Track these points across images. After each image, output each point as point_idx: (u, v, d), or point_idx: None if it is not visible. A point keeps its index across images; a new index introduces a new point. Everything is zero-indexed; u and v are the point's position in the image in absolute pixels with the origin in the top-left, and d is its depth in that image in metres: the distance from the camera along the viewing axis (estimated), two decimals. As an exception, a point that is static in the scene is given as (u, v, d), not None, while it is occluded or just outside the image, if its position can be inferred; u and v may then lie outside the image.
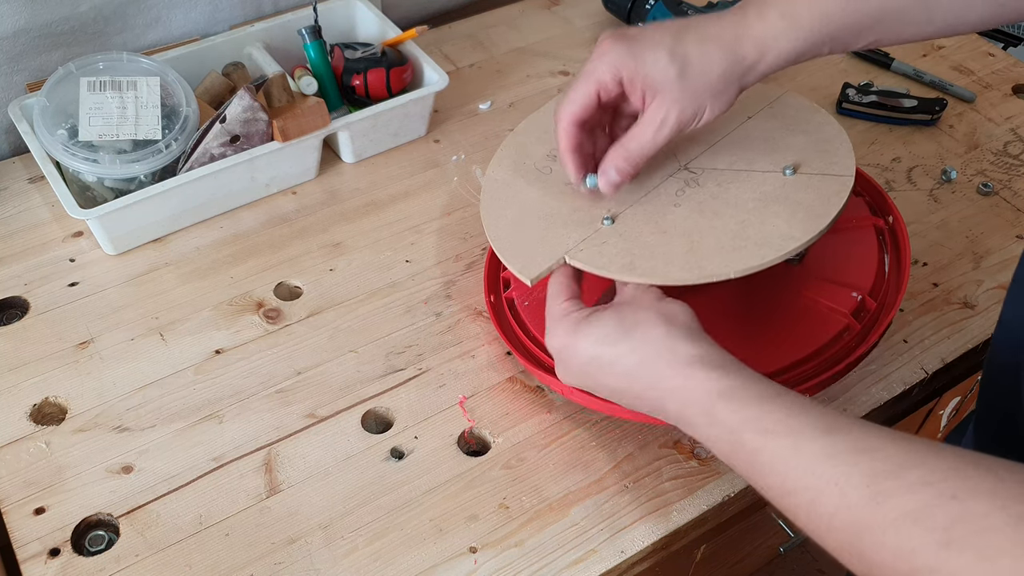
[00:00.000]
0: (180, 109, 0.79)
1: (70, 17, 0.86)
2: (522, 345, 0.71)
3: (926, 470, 0.40)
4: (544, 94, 0.97)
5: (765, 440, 0.48)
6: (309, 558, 0.61)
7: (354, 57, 0.88)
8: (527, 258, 0.63)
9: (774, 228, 0.61)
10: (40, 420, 0.68)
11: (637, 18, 1.01)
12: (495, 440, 0.68)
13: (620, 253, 0.61)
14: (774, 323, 0.68)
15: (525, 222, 0.66)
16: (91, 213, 0.74)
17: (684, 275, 0.59)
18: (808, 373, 0.65)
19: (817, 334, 0.67)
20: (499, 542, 0.62)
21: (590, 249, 0.62)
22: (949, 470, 0.40)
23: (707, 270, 0.59)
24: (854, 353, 0.65)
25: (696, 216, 0.63)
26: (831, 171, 0.64)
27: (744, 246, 0.60)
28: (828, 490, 0.43)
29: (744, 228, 0.61)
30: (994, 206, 0.86)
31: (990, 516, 0.37)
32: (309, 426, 0.68)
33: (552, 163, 0.71)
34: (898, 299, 0.67)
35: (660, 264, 0.60)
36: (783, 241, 0.59)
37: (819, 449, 0.45)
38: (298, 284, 0.78)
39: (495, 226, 0.67)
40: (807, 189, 0.63)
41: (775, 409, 0.48)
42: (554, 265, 0.62)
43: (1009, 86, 0.99)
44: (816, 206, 0.61)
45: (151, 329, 0.74)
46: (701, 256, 0.60)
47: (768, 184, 0.64)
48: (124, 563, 0.60)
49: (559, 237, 0.64)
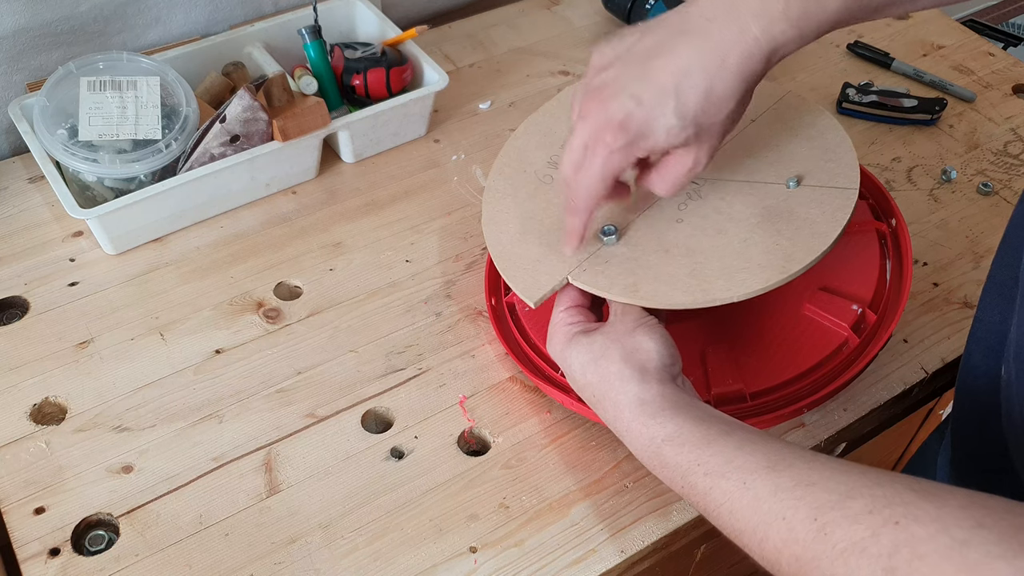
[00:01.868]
0: (180, 109, 0.79)
1: (70, 16, 0.86)
2: (521, 350, 0.71)
3: (869, 499, 0.41)
4: (544, 94, 0.97)
5: (713, 481, 0.49)
6: (309, 558, 0.61)
7: (354, 57, 0.88)
8: (530, 279, 0.63)
9: (777, 247, 0.60)
10: (40, 420, 0.68)
11: (637, 17, 1.01)
12: (495, 440, 0.68)
13: (623, 273, 0.61)
14: (773, 336, 0.68)
15: (527, 237, 0.66)
16: (91, 213, 0.74)
17: (687, 299, 0.59)
18: (803, 392, 0.65)
19: (816, 348, 0.66)
20: (499, 542, 0.62)
21: (593, 268, 0.62)
22: (892, 497, 0.40)
23: (710, 294, 0.58)
24: (849, 371, 0.65)
25: (699, 234, 0.62)
26: (835, 183, 0.63)
27: (747, 267, 0.59)
28: (776, 525, 0.44)
29: (747, 247, 0.60)
30: (994, 206, 0.86)
31: (932, 540, 0.37)
32: (309, 426, 0.68)
33: (553, 171, 0.70)
34: (898, 313, 0.66)
35: (663, 287, 0.60)
36: (786, 263, 0.59)
37: (764, 487, 0.46)
38: (298, 284, 0.78)
39: (498, 242, 0.67)
40: (811, 203, 0.62)
41: (720, 451, 0.49)
42: (557, 286, 0.62)
43: (1009, 86, 0.99)
44: (820, 223, 0.61)
45: (151, 329, 0.74)
46: (704, 279, 0.59)
47: (771, 198, 0.63)
48: (124, 563, 0.60)
49: (561, 255, 0.63)
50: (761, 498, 0.45)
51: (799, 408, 0.64)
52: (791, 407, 0.64)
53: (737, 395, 0.65)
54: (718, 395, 0.65)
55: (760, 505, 0.45)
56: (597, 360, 0.57)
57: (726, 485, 0.48)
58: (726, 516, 0.48)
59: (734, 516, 0.47)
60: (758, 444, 0.48)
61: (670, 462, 0.52)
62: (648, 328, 0.58)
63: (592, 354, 0.58)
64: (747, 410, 0.64)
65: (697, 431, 0.51)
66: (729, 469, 0.48)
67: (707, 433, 0.51)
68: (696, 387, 0.64)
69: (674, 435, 0.52)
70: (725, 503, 0.48)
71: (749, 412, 0.64)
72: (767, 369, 0.66)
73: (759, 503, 0.45)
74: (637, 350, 0.56)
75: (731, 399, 0.65)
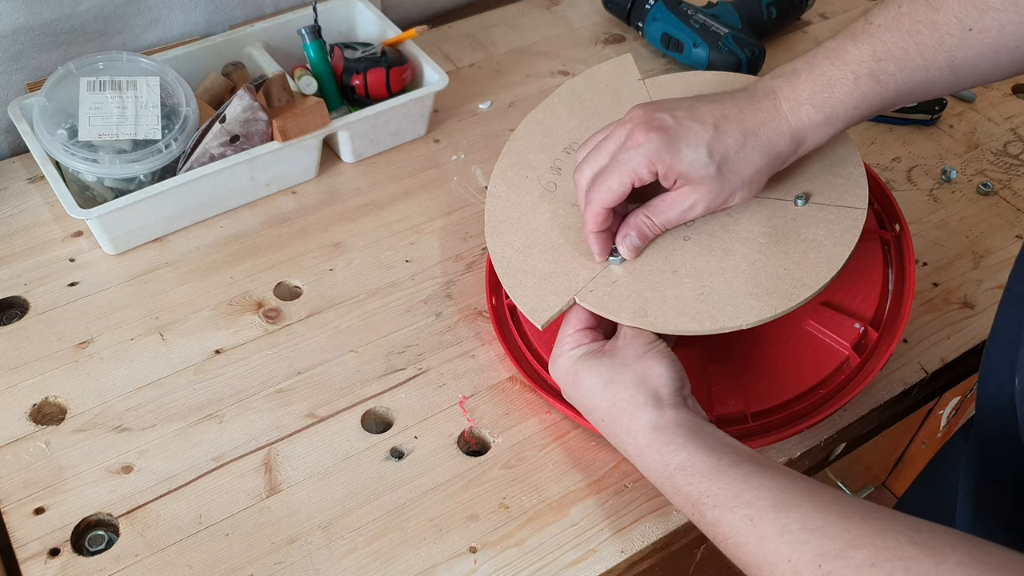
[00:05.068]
0: (180, 109, 0.79)
1: (70, 16, 0.86)
2: (520, 352, 0.71)
3: (872, 550, 0.42)
4: (544, 93, 0.96)
5: (721, 515, 0.50)
6: (309, 558, 0.61)
7: (354, 57, 0.88)
8: (537, 299, 0.63)
9: (785, 272, 0.60)
10: (40, 420, 0.68)
11: (637, 18, 1.01)
12: (495, 440, 0.68)
13: (631, 296, 0.61)
14: (775, 353, 0.67)
15: (533, 252, 0.66)
16: (91, 213, 0.74)
17: (695, 326, 0.59)
18: (803, 412, 0.65)
19: (817, 367, 0.66)
20: (499, 542, 0.62)
21: (600, 290, 0.62)
22: (894, 550, 0.42)
23: (718, 321, 0.59)
24: (849, 392, 0.65)
25: (707, 254, 0.62)
26: (844, 202, 0.63)
27: (755, 292, 0.59)
28: (782, 566, 0.45)
29: (755, 271, 0.60)
30: (994, 206, 0.86)
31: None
32: (309, 426, 0.68)
33: (556, 178, 0.70)
34: (899, 330, 0.66)
35: (671, 312, 0.60)
36: (794, 289, 0.59)
37: (771, 526, 0.47)
38: (298, 284, 0.78)
39: (503, 257, 0.66)
40: (819, 224, 0.62)
41: (728, 484, 0.50)
42: (564, 307, 0.62)
43: (1009, 86, 0.99)
44: (828, 245, 0.61)
45: (151, 329, 0.74)
46: (711, 304, 0.59)
47: (779, 216, 0.63)
48: (124, 563, 0.60)
49: (567, 273, 0.63)
50: (767, 537, 0.47)
51: (799, 429, 0.64)
52: (791, 428, 0.64)
53: (739, 416, 0.65)
54: (720, 415, 0.65)
55: (766, 544, 0.47)
56: (607, 385, 0.58)
57: (733, 520, 0.49)
58: (733, 549, 0.49)
59: (741, 550, 0.48)
60: (765, 478, 0.49)
61: (681, 490, 0.53)
62: (659, 353, 0.58)
63: (601, 378, 0.58)
64: (749, 431, 0.64)
65: (708, 461, 0.52)
66: (737, 504, 0.49)
67: (717, 465, 0.52)
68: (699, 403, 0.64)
69: (686, 464, 0.53)
70: (732, 537, 0.49)
71: (751, 432, 0.64)
72: (768, 389, 0.66)
73: (765, 542, 0.47)
74: (648, 376, 0.57)
75: (733, 419, 0.65)
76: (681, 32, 0.97)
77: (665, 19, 0.99)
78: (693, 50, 0.97)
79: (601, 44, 1.04)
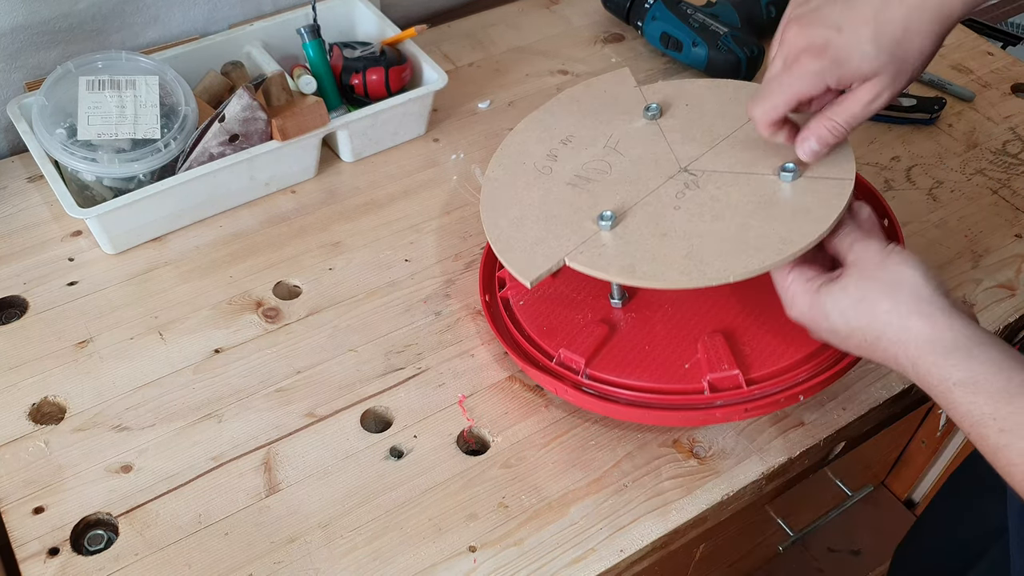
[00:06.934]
0: (179, 108, 0.79)
1: (68, 14, 0.86)
2: (517, 345, 0.71)
3: None
4: (543, 93, 0.97)
5: (1009, 440, 0.47)
6: (308, 557, 0.61)
7: (353, 56, 0.88)
8: (527, 260, 0.64)
9: (773, 231, 0.61)
10: (39, 419, 0.68)
11: (636, 17, 1.01)
12: (494, 439, 0.68)
13: (620, 255, 0.62)
14: (770, 322, 0.68)
15: (525, 223, 0.67)
16: (90, 212, 0.74)
17: (683, 279, 0.59)
18: (800, 378, 0.65)
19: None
20: (498, 541, 0.62)
21: (590, 251, 0.62)
22: None
23: (707, 274, 0.59)
24: (845, 359, 0.65)
25: (696, 219, 0.63)
26: (831, 174, 0.64)
27: (744, 250, 0.60)
28: None
29: (744, 232, 0.61)
30: (993, 205, 0.86)
31: None
32: (308, 425, 0.68)
33: (552, 163, 0.71)
34: None
35: (660, 267, 0.60)
36: (782, 245, 0.60)
37: None
38: (297, 283, 0.78)
39: (495, 226, 0.67)
40: (807, 193, 0.63)
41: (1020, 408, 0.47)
42: (553, 267, 0.62)
43: (1008, 85, 0.99)
44: (816, 209, 0.61)
45: (150, 328, 0.74)
46: (701, 260, 0.60)
47: (768, 187, 0.64)
48: (123, 562, 0.60)
49: (559, 239, 0.64)
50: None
51: (795, 395, 0.64)
52: (788, 392, 0.64)
53: (733, 381, 0.65)
54: (714, 381, 0.65)
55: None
56: (858, 303, 0.54)
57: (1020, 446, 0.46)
58: (1019, 475, 0.46)
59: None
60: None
61: (960, 408, 0.49)
62: (899, 253, 0.55)
63: (851, 298, 0.55)
64: (744, 396, 0.64)
65: (996, 381, 0.48)
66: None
67: (1007, 385, 0.48)
68: (693, 373, 0.64)
69: (967, 381, 0.49)
70: (1020, 464, 0.46)
71: (746, 398, 0.64)
72: (764, 355, 0.66)
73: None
74: (901, 281, 0.54)
75: (727, 385, 0.65)
76: (680, 31, 0.97)
77: (664, 18, 0.99)
78: (692, 49, 0.97)
79: (600, 43, 1.04)
